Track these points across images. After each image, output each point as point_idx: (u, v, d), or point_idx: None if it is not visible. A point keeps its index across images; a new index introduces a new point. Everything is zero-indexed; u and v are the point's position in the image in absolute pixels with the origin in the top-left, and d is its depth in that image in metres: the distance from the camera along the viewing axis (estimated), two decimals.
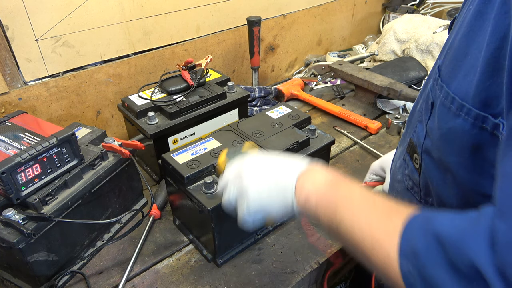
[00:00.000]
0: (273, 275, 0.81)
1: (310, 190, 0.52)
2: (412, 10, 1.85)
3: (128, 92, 1.23)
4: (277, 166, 0.56)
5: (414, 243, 0.39)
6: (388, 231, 0.42)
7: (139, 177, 0.96)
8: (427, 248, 0.38)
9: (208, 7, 1.31)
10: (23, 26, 0.98)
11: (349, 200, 0.48)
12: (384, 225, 0.43)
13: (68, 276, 0.81)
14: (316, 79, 1.52)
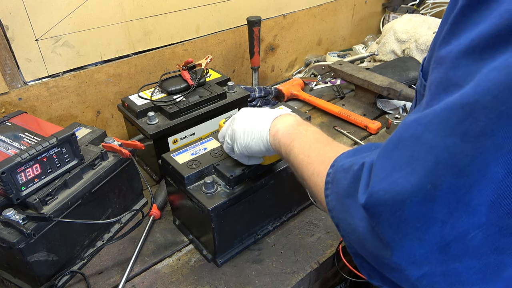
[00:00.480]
0: (273, 275, 0.81)
1: (279, 129, 0.63)
2: (412, 10, 1.85)
3: (128, 92, 1.23)
4: (260, 113, 0.68)
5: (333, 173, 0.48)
6: (322, 160, 0.52)
7: (139, 177, 0.96)
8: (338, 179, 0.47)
9: (208, 7, 1.31)
10: (23, 26, 0.98)
11: (303, 134, 0.59)
12: (321, 155, 0.53)
13: (68, 276, 0.81)
14: (316, 79, 1.52)
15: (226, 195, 0.76)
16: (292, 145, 0.58)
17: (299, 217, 0.95)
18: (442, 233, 0.34)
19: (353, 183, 0.43)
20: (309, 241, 0.89)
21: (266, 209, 0.87)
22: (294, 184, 0.87)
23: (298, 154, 0.56)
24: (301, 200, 0.96)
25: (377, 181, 0.38)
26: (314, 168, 0.52)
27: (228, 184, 0.77)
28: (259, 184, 0.80)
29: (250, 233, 0.88)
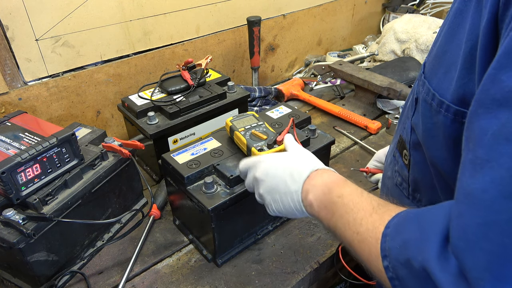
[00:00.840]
0: (273, 275, 0.81)
1: (312, 202, 0.57)
2: (412, 10, 1.85)
3: (128, 92, 1.23)
4: (283, 178, 0.61)
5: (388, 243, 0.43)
6: (375, 238, 0.45)
7: (139, 177, 0.96)
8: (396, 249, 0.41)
9: (208, 7, 1.31)
10: (23, 26, 0.98)
11: (339, 204, 0.52)
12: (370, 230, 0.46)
13: (68, 276, 0.81)
14: (316, 79, 1.52)
15: (226, 195, 0.76)
16: (334, 220, 0.52)
17: None
18: None
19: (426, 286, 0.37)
20: (309, 241, 0.89)
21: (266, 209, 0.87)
22: None
23: (345, 231, 0.50)
24: None
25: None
26: (370, 249, 0.45)
27: (228, 184, 0.77)
28: None
29: (250, 233, 0.88)
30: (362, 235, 0.47)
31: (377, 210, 0.48)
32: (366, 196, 0.51)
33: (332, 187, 0.55)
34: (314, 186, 0.57)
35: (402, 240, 0.41)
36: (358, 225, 0.48)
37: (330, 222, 0.53)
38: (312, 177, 0.58)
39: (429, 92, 0.47)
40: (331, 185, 0.55)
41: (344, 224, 0.50)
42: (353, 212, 0.49)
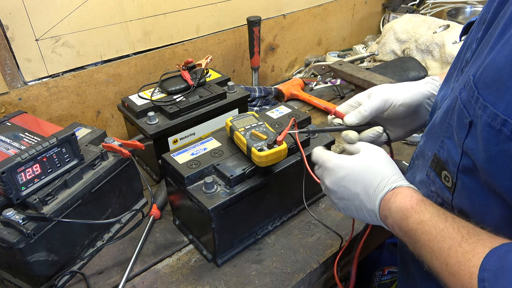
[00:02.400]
0: (273, 275, 0.81)
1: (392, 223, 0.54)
2: (412, 10, 1.85)
3: (128, 92, 1.23)
4: (358, 190, 0.58)
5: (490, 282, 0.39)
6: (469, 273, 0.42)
7: (139, 177, 0.96)
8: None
9: (208, 7, 1.31)
10: (23, 26, 0.98)
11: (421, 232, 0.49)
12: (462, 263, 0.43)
13: (68, 276, 0.81)
14: (316, 79, 1.52)
15: (226, 195, 0.76)
16: (418, 247, 0.50)
17: (299, 217, 0.95)
18: None
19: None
20: (309, 241, 0.89)
21: (266, 209, 0.87)
22: (294, 184, 0.87)
23: (432, 260, 0.47)
24: (301, 200, 0.96)
25: None
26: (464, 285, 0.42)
27: (228, 184, 0.77)
28: (259, 184, 0.80)
29: (250, 233, 0.88)
30: (452, 267, 0.44)
31: (467, 239, 0.44)
32: (452, 221, 0.47)
33: (409, 213, 0.51)
34: (390, 210, 0.54)
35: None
36: (446, 255, 0.45)
37: (414, 249, 0.51)
38: (387, 199, 0.55)
39: (496, 117, 0.42)
40: (406, 212, 0.52)
41: (429, 253, 0.47)
42: (436, 241, 0.46)
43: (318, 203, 0.99)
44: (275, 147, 0.76)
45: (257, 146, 0.76)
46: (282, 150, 0.77)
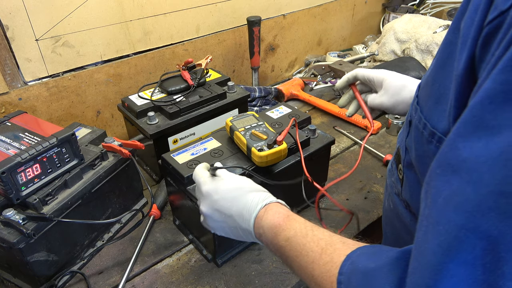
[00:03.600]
0: (273, 275, 0.81)
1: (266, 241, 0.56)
2: (412, 10, 1.85)
3: (128, 92, 1.23)
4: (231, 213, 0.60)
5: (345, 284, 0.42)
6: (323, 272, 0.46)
7: (139, 177, 0.96)
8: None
9: (208, 7, 1.31)
10: (23, 26, 0.98)
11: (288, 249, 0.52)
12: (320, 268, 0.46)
13: (68, 276, 0.81)
14: (316, 79, 1.52)
15: None
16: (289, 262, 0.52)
17: None
18: None
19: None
20: None
21: None
22: (294, 184, 0.87)
23: (301, 274, 0.50)
24: (301, 200, 0.96)
25: None
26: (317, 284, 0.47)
27: None
28: (259, 184, 0.79)
29: None
30: (317, 278, 0.47)
31: (326, 250, 0.47)
32: (311, 235, 0.50)
33: (277, 231, 0.54)
34: (263, 228, 0.56)
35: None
36: (311, 269, 0.48)
37: (286, 264, 0.53)
38: (260, 216, 0.57)
39: (420, 120, 0.46)
40: (275, 229, 0.54)
41: (298, 267, 0.50)
42: (302, 256, 0.49)
43: (318, 203, 0.99)
44: (275, 147, 0.76)
45: (257, 146, 0.76)
46: (282, 150, 0.77)
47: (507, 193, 0.29)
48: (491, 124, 0.31)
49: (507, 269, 0.29)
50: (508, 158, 0.29)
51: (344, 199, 1.00)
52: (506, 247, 0.29)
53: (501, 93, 0.30)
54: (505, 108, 0.30)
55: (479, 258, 0.30)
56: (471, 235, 0.31)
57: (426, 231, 0.35)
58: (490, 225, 0.30)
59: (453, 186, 0.33)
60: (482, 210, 0.30)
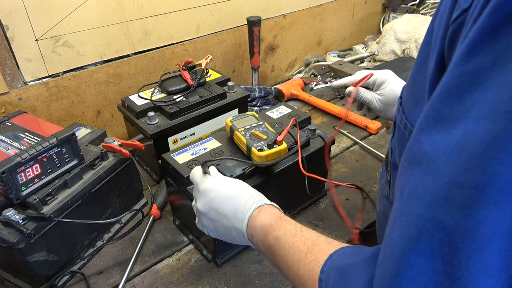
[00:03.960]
0: (273, 275, 0.81)
1: (257, 241, 0.57)
2: (412, 10, 1.85)
3: (128, 92, 1.23)
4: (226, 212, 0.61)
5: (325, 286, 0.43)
6: (307, 271, 0.47)
7: (139, 177, 0.96)
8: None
9: (208, 7, 1.31)
10: (23, 26, 0.98)
11: (277, 248, 0.53)
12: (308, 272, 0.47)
13: (68, 276, 0.81)
14: (316, 79, 1.52)
15: None
16: (277, 262, 0.54)
17: (299, 217, 0.95)
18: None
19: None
20: None
21: None
22: (294, 184, 0.87)
23: (287, 273, 0.52)
24: (301, 200, 0.96)
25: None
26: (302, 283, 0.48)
27: None
28: (259, 184, 0.79)
29: None
30: (301, 277, 0.48)
31: (311, 250, 0.49)
32: (300, 235, 0.52)
33: (268, 231, 0.55)
34: (255, 228, 0.57)
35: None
36: (296, 267, 0.49)
37: (274, 263, 0.54)
38: (253, 217, 0.58)
39: (402, 120, 0.47)
40: (267, 229, 0.55)
41: (285, 266, 0.51)
42: (289, 255, 0.50)
43: (318, 203, 0.99)
44: (275, 147, 0.76)
45: (257, 146, 0.76)
46: (282, 150, 0.77)
47: (460, 184, 0.30)
48: (449, 117, 0.32)
49: (463, 260, 0.30)
50: (461, 149, 0.30)
51: (344, 199, 1.00)
52: (461, 238, 0.30)
53: (455, 86, 0.31)
54: (460, 101, 0.31)
55: (437, 249, 0.31)
56: (429, 226, 0.31)
57: (393, 223, 0.36)
58: (446, 216, 0.31)
59: (417, 178, 0.34)
60: (439, 201, 0.31)
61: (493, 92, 0.29)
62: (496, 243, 0.29)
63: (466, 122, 0.30)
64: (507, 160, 0.28)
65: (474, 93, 0.30)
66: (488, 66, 0.29)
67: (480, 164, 0.29)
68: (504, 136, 0.28)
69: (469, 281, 0.30)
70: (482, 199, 0.29)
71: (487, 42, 0.29)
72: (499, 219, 0.29)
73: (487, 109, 0.29)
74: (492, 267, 0.29)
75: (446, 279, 0.31)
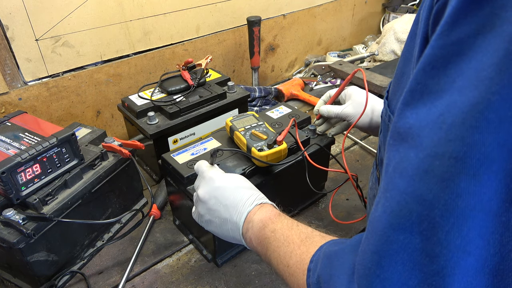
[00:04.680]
0: (273, 275, 0.81)
1: (251, 236, 0.57)
2: (412, 10, 1.85)
3: (128, 92, 1.23)
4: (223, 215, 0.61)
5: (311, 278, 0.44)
6: (303, 270, 0.46)
7: (139, 177, 0.96)
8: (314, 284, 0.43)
9: (208, 7, 1.31)
10: (23, 26, 0.98)
11: (272, 239, 0.53)
12: (299, 262, 0.47)
13: (68, 276, 0.81)
14: (316, 79, 1.52)
15: None
16: (269, 254, 0.53)
17: (299, 217, 0.95)
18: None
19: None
20: None
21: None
22: (294, 184, 0.87)
23: (278, 265, 0.51)
24: (302, 200, 0.96)
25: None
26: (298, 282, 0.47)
27: None
28: (259, 184, 0.79)
29: None
30: (291, 268, 0.48)
31: (305, 242, 0.49)
32: (296, 228, 0.52)
33: (266, 223, 0.55)
34: (252, 222, 0.57)
35: (318, 276, 0.43)
36: (288, 258, 0.49)
37: (265, 257, 0.54)
38: (253, 212, 0.58)
39: (386, 112, 0.47)
40: (265, 221, 0.56)
41: (276, 258, 0.51)
42: (284, 246, 0.51)
43: (318, 203, 1.00)
44: (275, 147, 0.76)
45: (257, 146, 0.76)
46: (282, 150, 0.77)
47: (440, 155, 0.29)
48: (434, 89, 0.31)
49: (442, 236, 0.29)
50: (443, 120, 0.29)
51: (344, 199, 1.00)
52: (440, 212, 0.29)
53: (440, 58, 0.30)
54: (445, 72, 0.30)
55: (416, 224, 0.30)
56: (410, 200, 0.31)
57: (378, 202, 0.35)
58: (426, 189, 0.30)
59: (401, 153, 0.33)
60: (419, 174, 0.30)
61: (477, 60, 0.28)
62: (475, 219, 0.28)
63: (450, 92, 0.29)
64: (486, 129, 0.27)
65: (459, 63, 0.29)
66: (472, 35, 0.28)
67: (460, 134, 0.28)
68: (483, 104, 0.27)
69: (448, 258, 0.29)
70: (461, 170, 0.28)
71: (470, 10, 0.28)
72: (479, 193, 0.28)
73: (470, 77, 0.28)
74: (472, 244, 0.29)
75: (424, 256, 0.30)
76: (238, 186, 0.62)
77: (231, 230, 0.60)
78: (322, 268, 0.43)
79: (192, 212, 0.68)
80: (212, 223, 0.63)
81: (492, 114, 0.27)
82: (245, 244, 0.59)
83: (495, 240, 0.28)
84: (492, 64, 0.27)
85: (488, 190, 0.28)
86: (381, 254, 0.33)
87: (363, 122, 0.81)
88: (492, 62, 0.27)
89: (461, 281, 0.29)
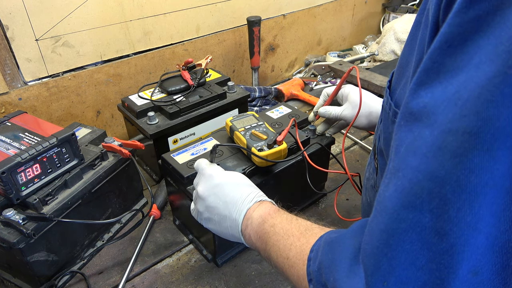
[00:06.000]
0: (273, 275, 0.81)
1: (250, 232, 0.58)
2: (412, 10, 1.85)
3: (128, 92, 1.23)
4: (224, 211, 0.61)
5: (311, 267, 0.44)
6: (303, 261, 0.46)
7: (139, 177, 0.96)
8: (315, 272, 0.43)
9: (208, 7, 1.31)
10: (23, 26, 0.98)
11: (271, 233, 0.53)
12: (299, 253, 0.48)
13: (68, 276, 0.81)
14: (316, 79, 1.52)
15: None
16: (268, 249, 0.53)
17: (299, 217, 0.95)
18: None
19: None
20: None
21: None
22: (294, 184, 0.87)
23: (277, 258, 0.51)
24: (302, 200, 0.96)
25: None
26: (298, 273, 0.47)
27: None
28: (259, 184, 0.79)
29: None
30: (291, 259, 0.48)
31: (305, 234, 0.49)
32: (295, 222, 0.53)
33: (266, 218, 0.56)
34: (252, 218, 0.57)
35: (319, 263, 0.43)
36: (288, 250, 0.49)
37: (265, 252, 0.54)
38: (252, 209, 0.58)
39: (388, 101, 0.47)
40: (264, 216, 0.56)
41: (276, 251, 0.51)
42: (283, 239, 0.51)
43: (318, 203, 1.00)
44: (275, 147, 0.76)
45: (257, 146, 0.76)
46: (282, 150, 0.77)
47: (454, 131, 0.29)
48: (452, 67, 0.30)
49: (453, 213, 0.29)
50: (459, 96, 0.29)
51: (344, 199, 1.00)
52: (451, 188, 0.29)
53: (458, 35, 0.30)
54: (463, 50, 0.30)
55: (426, 202, 0.30)
56: (422, 178, 0.30)
57: (387, 182, 0.35)
58: (438, 165, 0.29)
59: (415, 133, 0.32)
60: (433, 151, 0.30)
61: (496, 35, 0.27)
62: (487, 196, 0.28)
63: (467, 69, 0.29)
64: (502, 103, 0.26)
65: (477, 40, 0.29)
66: (491, 11, 0.28)
67: (475, 108, 0.27)
68: (499, 78, 0.26)
69: (458, 235, 0.29)
70: (475, 145, 0.27)
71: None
72: (492, 169, 0.27)
73: (488, 53, 0.28)
74: (483, 222, 0.28)
75: (434, 235, 0.30)
76: (237, 183, 0.62)
77: (230, 227, 0.60)
78: (323, 254, 0.43)
79: (191, 210, 0.68)
80: (211, 220, 0.63)
81: (508, 88, 0.26)
82: (244, 241, 0.59)
83: (506, 217, 0.28)
84: (510, 38, 0.26)
85: (501, 166, 0.27)
86: (389, 233, 0.32)
87: (361, 120, 0.81)
88: (510, 36, 0.26)
89: (470, 259, 0.29)
